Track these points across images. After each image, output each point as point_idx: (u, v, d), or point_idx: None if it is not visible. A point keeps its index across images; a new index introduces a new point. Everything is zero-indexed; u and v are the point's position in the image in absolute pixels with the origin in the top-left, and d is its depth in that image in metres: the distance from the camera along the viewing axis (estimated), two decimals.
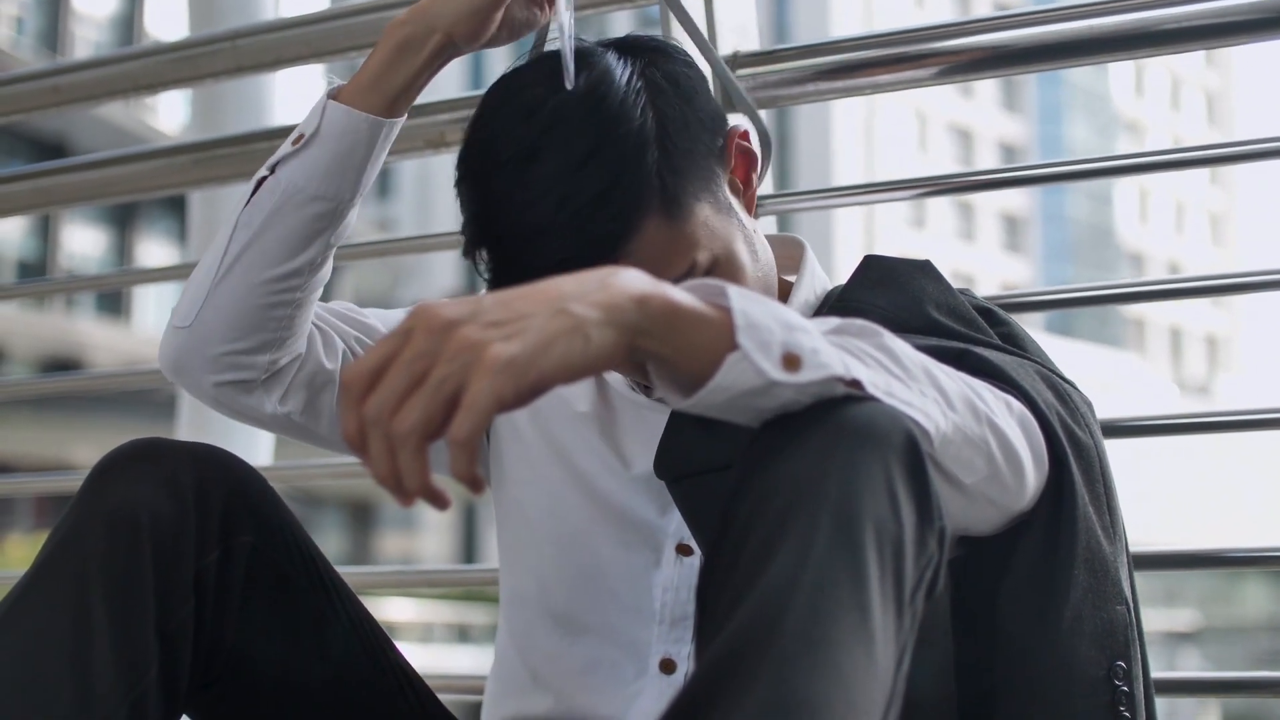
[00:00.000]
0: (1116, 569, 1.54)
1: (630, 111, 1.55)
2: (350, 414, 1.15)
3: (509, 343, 1.11)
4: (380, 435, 1.13)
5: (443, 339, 1.13)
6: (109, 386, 3.24)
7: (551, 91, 1.55)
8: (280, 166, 1.72)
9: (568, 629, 1.78)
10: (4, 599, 1.48)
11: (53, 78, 2.80)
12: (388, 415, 1.12)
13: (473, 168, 1.59)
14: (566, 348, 1.13)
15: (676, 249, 1.56)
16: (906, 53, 2.19)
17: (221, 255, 1.72)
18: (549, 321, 1.14)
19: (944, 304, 1.64)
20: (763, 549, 1.15)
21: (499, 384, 1.10)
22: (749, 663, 1.09)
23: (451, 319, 1.14)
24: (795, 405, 1.23)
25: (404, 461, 1.12)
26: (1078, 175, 2.24)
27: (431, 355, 1.13)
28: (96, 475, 1.54)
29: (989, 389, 1.41)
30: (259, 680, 1.62)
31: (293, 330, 1.75)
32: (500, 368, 1.10)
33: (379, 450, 1.13)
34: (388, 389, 1.13)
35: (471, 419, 1.10)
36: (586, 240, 1.51)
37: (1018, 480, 1.40)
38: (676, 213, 1.55)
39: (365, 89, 1.71)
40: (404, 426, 1.11)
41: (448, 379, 1.11)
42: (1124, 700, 1.51)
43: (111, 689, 1.44)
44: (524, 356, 1.11)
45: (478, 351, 1.11)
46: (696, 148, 1.59)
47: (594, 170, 1.51)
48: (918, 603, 1.20)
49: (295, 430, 1.81)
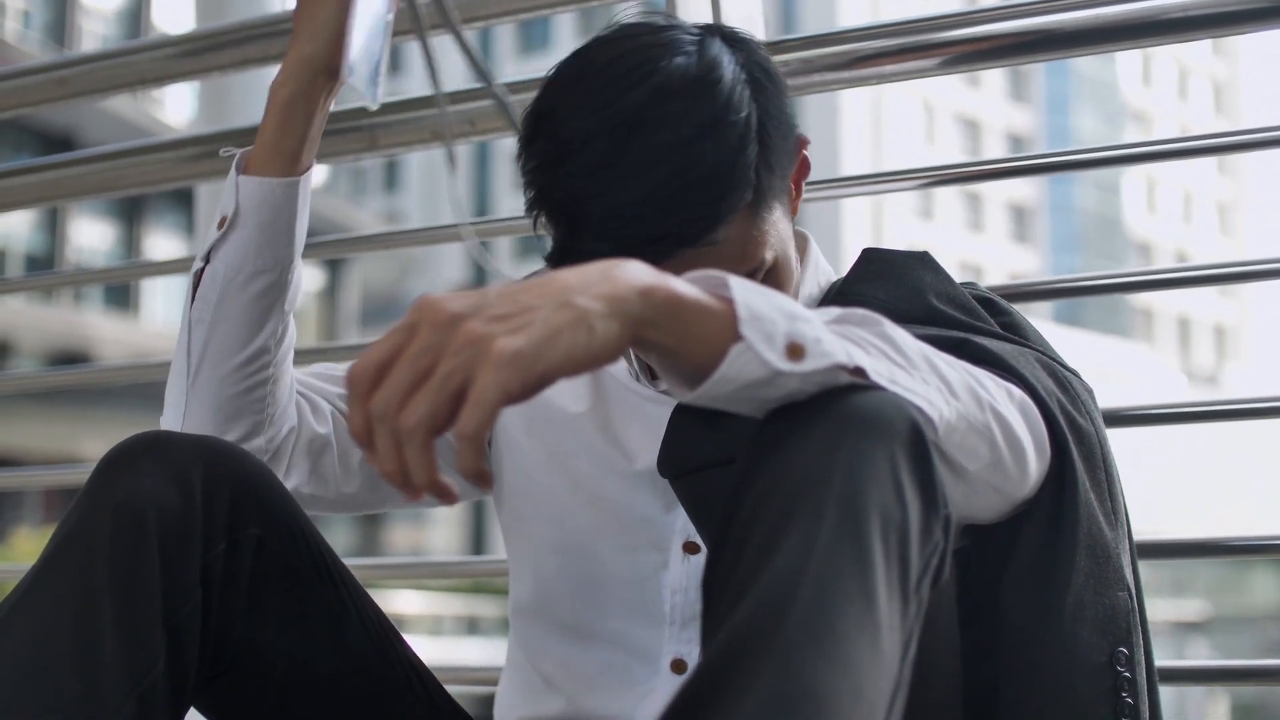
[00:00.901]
0: (1118, 555, 1.54)
1: (739, 101, 1.55)
2: (357, 409, 1.15)
3: (514, 336, 1.12)
4: (387, 431, 1.13)
5: (448, 333, 1.13)
6: (117, 379, 3.24)
7: (655, 64, 1.54)
8: (213, 254, 1.74)
9: (577, 637, 1.78)
10: (11, 592, 1.48)
11: (59, 70, 2.80)
12: (394, 410, 1.13)
13: (555, 133, 1.56)
14: (571, 340, 1.14)
15: (753, 244, 1.57)
16: (914, 43, 2.18)
17: (186, 357, 1.75)
18: (554, 314, 1.14)
19: (944, 294, 1.64)
20: (768, 540, 1.16)
21: (505, 377, 1.10)
22: (755, 654, 1.09)
23: (456, 313, 1.14)
24: (800, 395, 1.23)
25: (411, 457, 1.13)
26: (1085, 164, 2.24)
27: (437, 349, 1.13)
28: (103, 468, 1.53)
29: (990, 376, 1.41)
30: (266, 672, 1.62)
31: (278, 405, 1.77)
32: (506, 361, 1.10)
33: (386, 446, 1.14)
34: (393, 384, 1.13)
35: (479, 413, 1.10)
36: (682, 219, 1.51)
37: (1020, 467, 1.40)
38: (761, 208, 1.57)
39: (269, 155, 1.73)
40: (410, 422, 1.12)
41: (453, 373, 1.12)
42: (1126, 686, 1.51)
43: (119, 682, 1.43)
44: (530, 350, 1.11)
45: (483, 345, 1.11)
46: (784, 147, 1.60)
47: (707, 149, 1.52)
48: (923, 591, 1.20)
49: (306, 502, 1.80)
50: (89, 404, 22.62)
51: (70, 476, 3.14)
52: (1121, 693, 1.51)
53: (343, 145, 2.51)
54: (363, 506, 1.91)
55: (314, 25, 1.72)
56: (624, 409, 1.79)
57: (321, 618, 1.66)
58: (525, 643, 1.85)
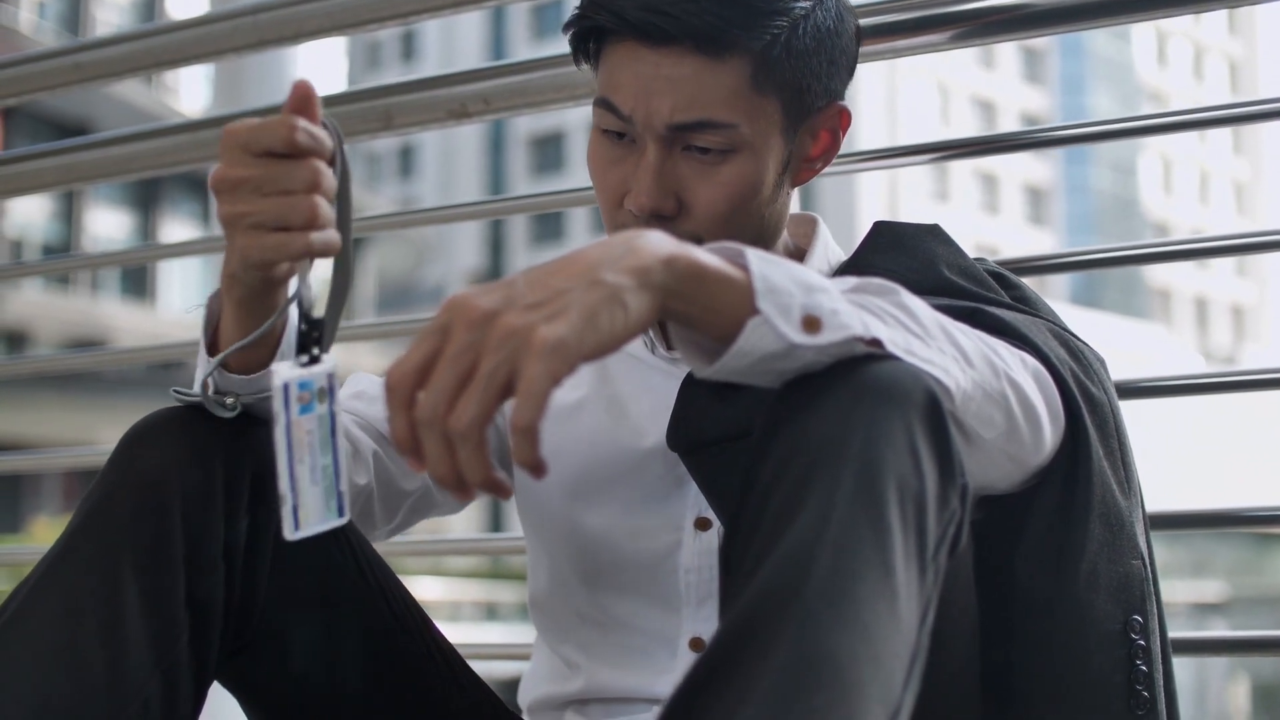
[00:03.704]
0: (1132, 524, 1.55)
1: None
2: (400, 417, 1.16)
3: (554, 323, 1.12)
4: (436, 435, 1.13)
5: (485, 329, 1.13)
6: (135, 361, 3.25)
7: None
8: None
9: (595, 625, 1.79)
10: (34, 568, 1.48)
11: (74, 55, 2.80)
12: (442, 413, 1.13)
13: None
14: (610, 318, 1.15)
15: (733, 102, 1.59)
16: (926, 16, 2.18)
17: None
18: (586, 294, 1.14)
19: (955, 265, 1.65)
20: (785, 508, 1.16)
21: (553, 365, 1.11)
22: (773, 620, 1.10)
23: (490, 309, 1.14)
24: (816, 366, 1.24)
25: (465, 457, 1.13)
26: (1100, 137, 2.24)
27: (476, 347, 1.13)
28: (126, 444, 1.53)
29: (1004, 345, 1.41)
30: (289, 648, 1.62)
31: None
32: (550, 349, 1.11)
33: (437, 450, 1.14)
34: (438, 387, 1.14)
35: (532, 404, 1.10)
36: (687, 21, 1.56)
37: (1035, 435, 1.41)
38: (761, 79, 1.59)
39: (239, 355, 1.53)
40: (463, 423, 1.12)
41: (499, 368, 1.12)
42: (1141, 654, 1.51)
43: (143, 657, 1.44)
44: (572, 335, 1.12)
45: (524, 336, 1.12)
46: (809, 68, 1.63)
47: None
48: (940, 559, 1.20)
49: None
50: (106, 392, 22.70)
51: (88, 459, 3.14)
52: (1136, 660, 1.51)
53: (359, 125, 2.52)
54: (398, 531, 1.93)
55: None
56: (630, 384, 1.80)
57: (345, 594, 1.66)
58: (545, 631, 1.87)
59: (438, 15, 2.47)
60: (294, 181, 1.34)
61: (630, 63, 1.61)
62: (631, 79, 1.60)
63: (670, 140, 1.61)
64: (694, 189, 1.62)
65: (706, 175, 1.62)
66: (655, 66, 1.58)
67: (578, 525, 1.78)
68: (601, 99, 1.65)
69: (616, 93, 1.62)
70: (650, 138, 1.61)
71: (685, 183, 1.62)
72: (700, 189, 1.62)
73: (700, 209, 1.62)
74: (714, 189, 1.62)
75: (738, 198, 1.63)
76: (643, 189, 1.62)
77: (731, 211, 1.63)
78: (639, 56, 1.60)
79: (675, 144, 1.61)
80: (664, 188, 1.62)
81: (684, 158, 1.62)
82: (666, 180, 1.62)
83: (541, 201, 2.65)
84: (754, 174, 1.63)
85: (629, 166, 1.65)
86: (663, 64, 1.58)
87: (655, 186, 1.61)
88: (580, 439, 1.79)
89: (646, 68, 1.59)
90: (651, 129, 1.61)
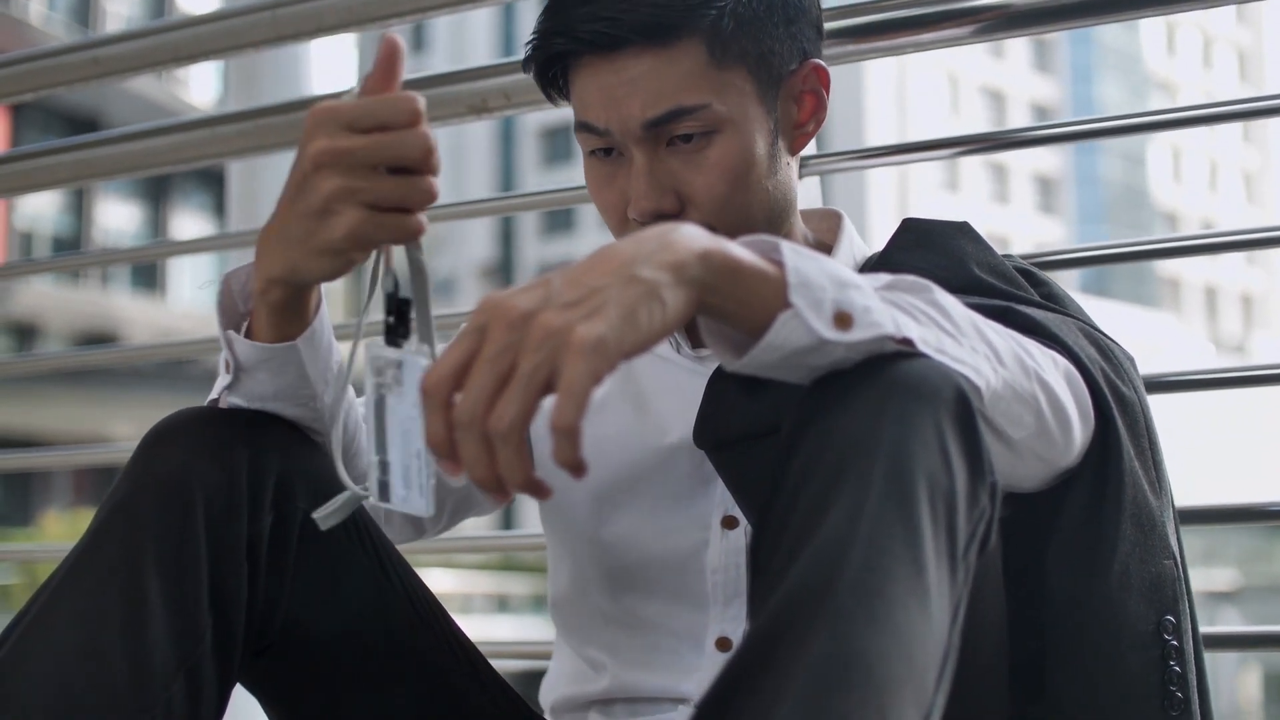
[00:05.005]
0: (1163, 524, 1.54)
1: None
2: (438, 419, 1.14)
3: (592, 322, 1.11)
4: (475, 437, 1.12)
5: (523, 330, 1.12)
6: (148, 358, 3.24)
7: None
8: (226, 396, 1.60)
9: (620, 626, 1.78)
10: (57, 568, 1.48)
11: (93, 49, 2.80)
12: (482, 414, 1.12)
13: None
14: (648, 315, 1.14)
15: (697, 83, 1.60)
16: (940, 11, 2.17)
17: None
18: (624, 291, 1.14)
19: (985, 263, 1.64)
20: (816, 505, 1.16)
21: (594, 364, 1.10)
22: (805, 619, 1.09)
23: (527, 308, 1.13)
24: (846, 362, 1.23)
25: (506, 458, 1.12)
26: (1113, 132, 2.23)
27: (515, 348, 1.12)
28: (148, 443, 1.53)
29: (1036, 345, 1.41)
30: (312, 647, 1.61)
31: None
32: (591, 348, 1.09)
33: (476, 452, 1.12)
34: (476, 388, 1.12)
35: (574, 403, 1.09)
36: (630, 21, 1.58)
37: (1065, 435, 1.40)
38: (719, 54, 1.60)
39: (263, 330, 1.53)
40: (504, 423, 1.11)
41: (539, 368, 1.11)
42: (1174, 654, 1.51)
43: (166, 658, 1.43)
44: (612, 333, 1.11)
45: (563, 336, 1.11)
46: (765, 33, 1.63)
47: None
48: (970, 557, 1.20)
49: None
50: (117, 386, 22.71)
51: (99, 456, 3.14)
52: (1169, 661, 1.51)
53: None
54: (444, 532, 1.95)
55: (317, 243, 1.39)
56: (654, 382, 1.79)
57: (367, 593, 1.65)
58: (569, 633, 1.86)
59: (457, 10, 2.47)
60: (414, 151, 1.31)
61: (593, 79, 1.63)
62: (597, 93, 1.63)
63: (652, 139, 1.62)
64: (689, 179, 1.63)
65: (696, 162, 1.62)
66: (615, 74, 1.61)
67: (603, 526, 1.77)
68: (578, 123, 1.67)
69: (588, 111, 1.64)
70: (632, 143, 1.63)
71: (679, 176, 1.63)
72: (695, 177, 1.62)
73: (700, 196, 1.63)
74: (708, 173, 1.62)
75: (733, 176, 1.63)
76: (640, 193, 1.62)
77: (731, 191, 1.63)
78: (598, 70, 1.62)
79: (658, 142, 1.63)
80: (659, 186, 1.62)
81: (670, 153, 1.63)
82: (660, 179, 1.63)
83: (551, 199, 2.64)
84: (742, 148, 1.63)
85: (623, 179, 1.66)
86: (621, 69, 1.60)
87: (650, 187, 1.62)
88: (605, 438, 1.78)
89: (608, 78, 1.61)
90: (630, 134, 1.62)
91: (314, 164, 1.32)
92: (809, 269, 1.22)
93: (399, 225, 1.33)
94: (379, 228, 1.33)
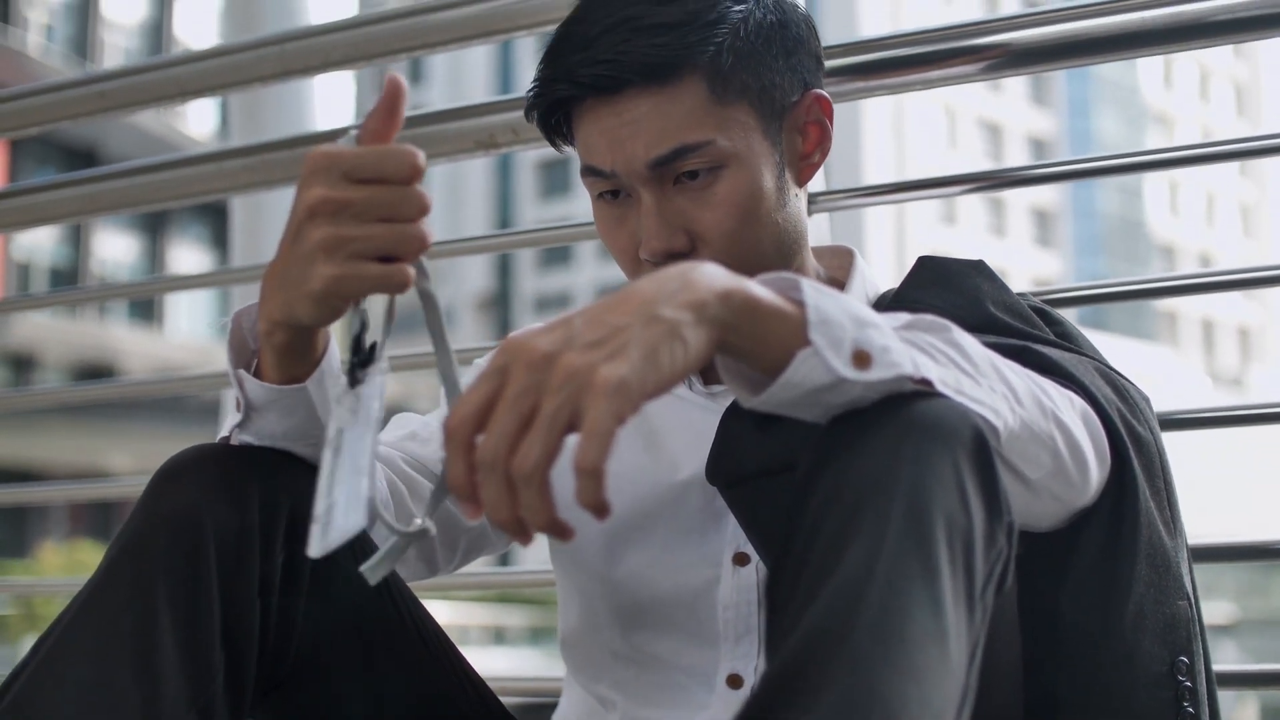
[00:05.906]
0: (1178, 564, 1.54)
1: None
2: (459, 461, 1.14)
3: (615, 363, 1.11)
4: (498, 478, 1.12)
5: (546, 371, 1.12)
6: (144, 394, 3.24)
7: None
8: (237, 434, 1.59)
9: (630, 663, 1.77)
10: (69, 605, 1.47)
11: (99, 84, 2.80)
12: (505, 456, 1.11)
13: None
14: (670, 355, 1.13)
15: (700, 120, 1.61)
16: (938, 50, 2.19)
17: None
18: (645, 331, 1.13)
19: (1001, 301, 1.64)
20: (833, 545, 1.15)
21: (617, 405, 1.09)
22: (823, 660, 1.09)
23: (549, 349, 1.13)
24: (863, 401, 1.23)
25: (529, 500, 1.11)
26: (1111, 170, 2.26)
27: (538, 389, 1.12)
28: (159, 480, 1.52)
29: (1053, 385, 1.41)
30: (325, 684, 1.61)
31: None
32: (614, 389, 1.09)
33: (498, 493, 1.12)
34: (499, 429, 1.12)
35: (598, 445, 1.08)
36: (628, 62, 1.58)
37: (1081, 475, 1.40)
38: (720, 90, 1.61)
39: (271, 372, 1.52)
40: (528, 465, 1.10)
41: (561, 409, 1.10)
42: (1188, 695, 1.51)
43: (178, 696, 1.42)
44: (635, 375, 1.11)
45: (586, 376, 1.10)
46: (765, 66, 1.64)
47: (667, 8, 1.60)
48: (988, 598, 1.19)
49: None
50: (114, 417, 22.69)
51: (97, 491, 3.13)
52: (1183, 702, 1.50)
53: None
54: (457, 569, 1.94)
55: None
56: (665, 418, 1.78)
57: (379, 627, 1.65)
58: (579, 670, 1.85)
59: (465, 46, 2.47)
60: (409, 209, 1.30)
61: (595, 122, 1.64)
62: (601, 136, 1.63)
63: (658, 179, 1.63)
64: (697, 216, 1.63)
65: (704, 199, 1.63)
66: (617, 116, 1.61)
67: (613, 563, 1.76)
68: (585, 167, 1.68)
69: (593, 155, 1.65)
70: (638, 183, 1.63)
71: (688, 214, 1.63)
72: (704, 214, 1.63)
73: (710, 233, 1.63)
74: (716, 209, 1.63)
75: (741, 210, 1.63)
76: (650, 233, 1.63)
77: (741, 226, 1.63)
78: (600, 114, 1.63)
79: (665, 181, 1.63)
80: (669, 226, 1.63)
81: (678, 191, 1.63)
82: (669, 218, 1.63)
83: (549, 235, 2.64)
84: (749, 182, 1.64)
85: (633, 221, 1.66)
86: (623, 111, 1.61)
87: (660, 227, 1.63)
88: (616, 475, 1.75)
89: (610, 120, 1.62)
90: (635, 174, 1.63)
91: (309, 212, 1.31)
92: (829, 307, 1.22)
93: (384, 276, 1.31)
94: (363, 280, 1.31)
